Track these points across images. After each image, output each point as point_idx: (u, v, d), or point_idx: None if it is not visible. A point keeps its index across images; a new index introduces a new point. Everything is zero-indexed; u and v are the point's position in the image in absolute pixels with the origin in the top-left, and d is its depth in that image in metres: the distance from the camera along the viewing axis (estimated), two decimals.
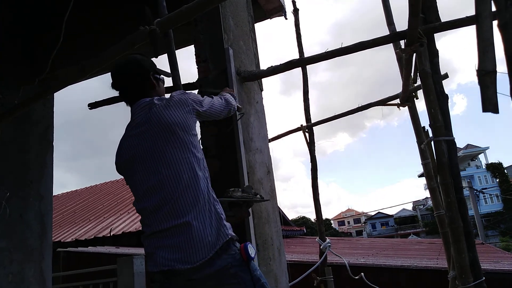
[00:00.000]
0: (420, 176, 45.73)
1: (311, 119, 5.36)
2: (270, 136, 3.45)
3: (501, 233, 36.31)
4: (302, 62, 3.29)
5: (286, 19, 3.97)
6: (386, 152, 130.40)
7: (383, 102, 4.21)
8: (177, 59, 2.20)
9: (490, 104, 1.46)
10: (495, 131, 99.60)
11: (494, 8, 1.58)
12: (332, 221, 64.88)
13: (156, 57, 2.05)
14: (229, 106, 2.06)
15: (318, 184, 5.25)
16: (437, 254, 8.35)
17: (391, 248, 11.63)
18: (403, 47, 2.54)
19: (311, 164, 5.28)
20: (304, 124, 5.31)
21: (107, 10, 3.85)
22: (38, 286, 3.71)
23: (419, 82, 3.33)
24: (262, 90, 3.13)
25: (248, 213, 2.22)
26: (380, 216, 60.45)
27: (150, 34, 1.88)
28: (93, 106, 3.04)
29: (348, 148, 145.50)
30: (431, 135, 2.55)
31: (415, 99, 3.86)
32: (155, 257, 1.59)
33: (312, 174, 5.26)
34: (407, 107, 3.92)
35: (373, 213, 59.61)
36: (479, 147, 50.77)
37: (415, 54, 2.59)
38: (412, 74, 3.20)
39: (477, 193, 20.54)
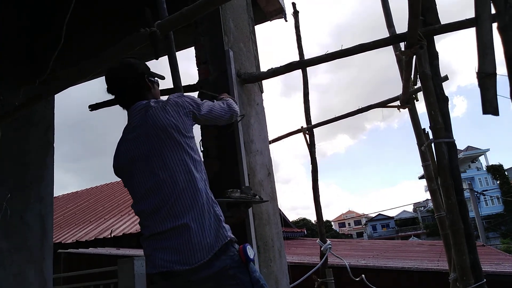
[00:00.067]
0: (420, 178, 45.66)
1: (312, 121, 5.37)
2: (270, 138, 3.45)
3: (502, 235, 36.24)
4: (302, 64, 3.30)
5: (286, 21, 3.97)
6: (386, 154, 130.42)
7: (383, 104, 4.22)
8: (177, 61, 2.20)
9: (490, 106, 1.47)
10: (495, 133, 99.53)
11: (493, 11, 1.59)
12: (332, 222, 64.84)
13: (157, 59, 2.05)
14: (231, 111, 2.01)
15: (318, 186, 5.25)
16: (438, 256, 8.33)
17: (392, 250, 11.61)
18: (403, 49, 2.55)
19: (311, 165, 5.28)
20: (305, 125, 5.32)
21: (107, 10, 3.86)
22: (39, 287, 3.71)
23: (419, 84, 3.34)
24: (262, 92, 3.13)
25: (247, 213, 2.21)
26: (381, 218, 60.39)
27: (151, 36, 1.88)
28: (94, 107, 3.05)
29: (348, 150, 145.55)
30: (431, 137, 2.55)
31: (415, 101, 3.87)
32: (153, 258, 1.59)
33: (312, 176, 5.27)
34: (407, 109, 3.93)
35: (373, 214, 59.60)
36: (479, 149, 50.70)
37: (415, 56, 2.60)
38: (412, 76, 3.21)
39: (477, 195, 20.52)
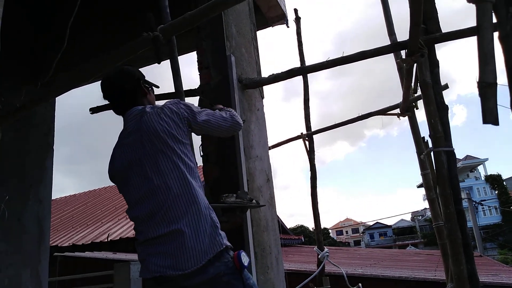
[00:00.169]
0: (419, 186, 45.69)
1: (311, 127, 5.37)
2: (270, 144, 3.46)
3: (499, 245, 36.17)
4: (303, 71, 3.31)
5: (288, 27, 3.99)
6: (385, 162, 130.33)
7: (383, 112, 4.22)
8: (179, 65, 2.21)
9: (490, 116, 1.47)
10: (494, 142, 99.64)
11: (495, 20, 1.60)
12: (330, 230, 64.67)
13: (159, 63, 2.06)
14: (233, 122, 1.91)
15: (317, 193, 5.24)
16: (435, 266, 8.32)
17: (389, 258, 11.59)
18: (404, 57, 2.55)
19: (310, 172, 5.27)
20: (304, 132, 5.32)
21: (107, 10, 3.88)
22: None
23: (419, 92, 3.35)
24: (263, 97, 3.14)
25: (243, 219, 2.20)
26: (379, 226, 60.26)
27: (154, 40, 1.89)
28: (94, 110, 3.05)
29: (347, 157, 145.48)
30: (430, 145, 2.55)
31: (415, 109, 3.88)
32: (147, 263, 1.60)
33: (311, 183, 5.26)
34: (407, 117, 3.94)
35: (371, 223, 59.50)
36: (478, 158, 50.76)
37: (415, 64, 2.61)
38: (412, 84, 3.22)
39: (476, 204, 20.50)
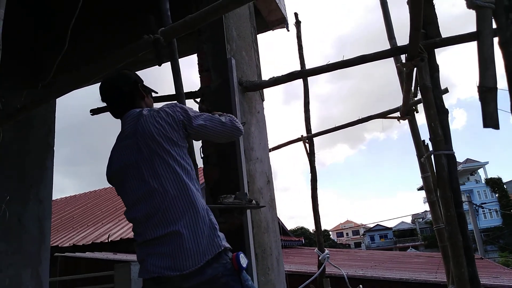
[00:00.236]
0: (419, 189, 45.64)
1: (312, 130, 5.37)
2: (270, 146, 3.46)
3: (500, 248, 36.12)
4: (304, 74, 3.32)
5: (288, 31, 4.00)
6: (385, 165, 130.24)
7: (384, 115, 4.23)
8: (180, 68, 2.21)
9: (491, 120, 1.48)
10: (494, 146, 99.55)
11: (495, 26, 1.61)
12: (330, 232, 64.62)
13: (160, 65, 2.07)
14: (232, 128, 1.86)
15: (317, 195, 5.24)
16: (436, 268, 8.31)
17: (389, 260, 11.58)
18: (404, 61, 2.56)
19: (311, 174, 5.28)
20: (305, 134, 5.33)
21: (107, 11, 3.89)
22: None
23: (419, 96, 3.36)
24: (263, 100, 3.15)
25: (242, 220, 2.20)
26: (379, 229, 60.19)
27: (154, 42, 1.90)
28: (95, 112, 3.06)
29: (347, 159, 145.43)
30: (431, 148, 2.55)
31: (415, 112, 3.88)
32: (146, 264, 1.61)
33: (311, 185, 5.26)
34: (407, 120, 3.94)
35: (372, 225, 59.43)
36: (478, 161, 50.72)
37: (415, 69, 2.61)
38: (412, 88, 3.22)
39: (476, 207, 20.48)
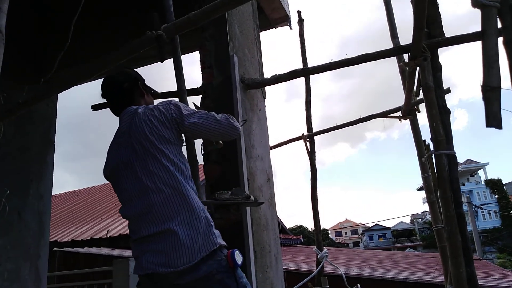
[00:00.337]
0: (419, 189, 45.69)
1: (313, 128, 5.37)
2: (271, 144, 3.46)
3: (498, 249, 36.16)
4: (306, 72, 3.32)
5: (291, 29, 3.99)
6: (385, 165, 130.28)
7: (385, 114, 4.23)
8: (182, 64, 2.21)
9: (494, 119, 1.48)
10: (495, 147, 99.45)
11: (499, 25, 1.61)
12: (329, 231, 64.67)
13: (162, 61, 2.07)
14: (228, 125, 1.80)
15: (317, 194, 5.25)
16: (434, 268, 8.31)
17: (388, 260, 11.59)
18: (406, 60, 2.56)
19: (311, 173, 5.28)
20: (306, 133, 5.33)
21: (108, 8, 3.89)
22: (33, 284, 3.70)
23: (421, 96, 3.36)
24: (265, 98, 3.15)
25: (238, 216, 2.19)
26: (378, 228, 60.24)
27: (157, 39, 1.90)
28: (96, 108, 3.06)
29: (348, 158, 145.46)
30: (432, 148, 2.55)
31: (417, 112, 3.88)
32: (140, 260, 1.62)
33: (311, 183, 5.26)
34: (408, 120, 3.94)
35: (370, 224, 59.46)
36: (479, 162, 50.73)
37: (418, 68, 2.61)
38: (414, 88, 3.22)
39: (475, 208, 20.50)
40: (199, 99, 2.67)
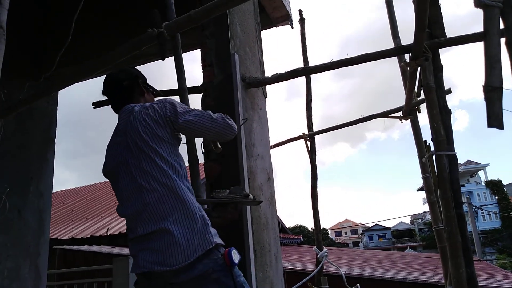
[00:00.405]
0: (419, 190, 45.67)
1: (313, 128, 5.37)
2: (271, 143, 3.46)
3: (498, 250, 36.16)
4: (307, 71, 3.32)
5: (292, 27, 3.99)
6: (385, 165, 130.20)
7: (386, 114, 4.22)
8: (183, 62, 2.21)
9: (495, 120, 1.48)
10: (495, 148, 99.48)
11: (502, 25, 1.60)
12: (329, 231, 64.67)
13: (163, 59, 2.06)
14: (224, 124, 1.76)
15: (317, 193, 5.24)
16: (434, 269, 8.31)
17: (387, 260, 11.59)
18: (407, 60, 2.55)
19: (311, 172, 5.28)
20: (306, 132, 5.32)
21: (109, 5, 3.88)
22: (33, 282, 3.70)
23: (422, 96, 3.35)
24: (266, 96, 3.14)
25: (236, 215, 2.18)
26: (378, 228, 60.23)
27: (158, 36, 1.89)
28: (97, 105, 3.06)
29: (348, 158, 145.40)
30: (432, 149, 2.55)
31: (417, 112, 3.87)
32: (137, 259, 1.63)
33: (311, 183, 5.26)
34: (409, 120, 3.93)
35: (370, 224, 59.47)
36: (479, 163, 50.71)
37: (419, 68, 2.61)
38: (415, 88, 3.21)
39: (475, 209, 20.49)
40: (200, 97, 2.67)
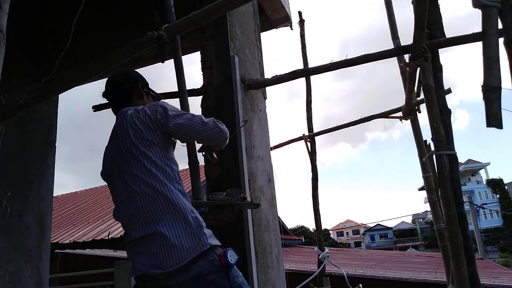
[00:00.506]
0: (420, 189, 45.63)
1: (313, 129, 5.37)
2: (272, 144, 3.46)
3: (500, 249, 36.11)
4: (307, 72, 3.32)
5: (292, 29, 3.99)
6: (386, 165, 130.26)
7: (386, 115, 4.22)
8: (183, 65, 2.21)
9: (494, 119, 1.48)
10: (496, 147, 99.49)
11: (500, 26, 1.61)
12: (331, 231, 64.63)
13: (163, 61, 2.07)
14: (215, 128, 1.75)
15: (318, 194, 5.24)
16: (436, 268, 8.31)
17: (389, 260, 11.58)
18: (407, 61, 2.55)
19: (312, 173, 5.28)
20: (306, 133, 5.32)
21: (109, 8, 3.89)
22: (35, 286, 3.70)
23: (422, 96, 3.35)
24: (265, 98, 3.14)
25: (234, 217, 2.18)
26: (379, 228, 60.19)
27: (158, 39, 1.90)
28: (97, 108, 3.06)
29: (348, 159, 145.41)
30: (433, 148, 2.55)
31: (417, 112, 3.87)
32: (134, 262, 1.64)
33: (312, 184, 5.26)
34: (409, 120, 3.93)
35: (372, 224, 59.44)
36: (480, 162, 50.68)
37: (419, 68, 2.61)
38: (415, 88, 3.21)
39: (477, 208, 20.48)
40: (199, 100, 2.67)
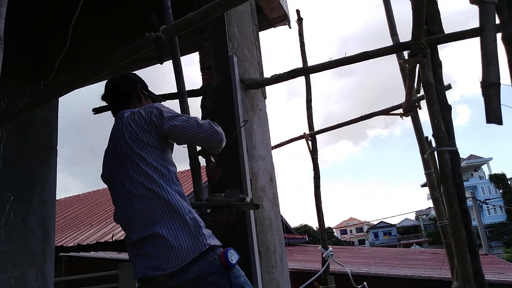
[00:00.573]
0: (423, 186, 45.59)
1: (314, 127, 5.37)
2: (272, 144, 3.46)
3: (504, 244, 36.01)
4: (306, 71, 3.31)
5: (290, 28, 3.98)
6: (388, 161, 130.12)
7: (386, 112, 4.21)
8: (181, 66, 2.21)
9: (494, 115, 1.48)
10: (498, 142, 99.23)
11: (498, 21, 1.60)
12: (334, 229, 64.57)
13: (161, 63, 2.07)
14: (210, 130, 1.74)
15: (320, 193, 5.24)
16: (440, 264, 8.29)
17: (393, 257, 11.56)
18: (406, 57, 2.55)
19: (313, 172, 5.27)
20: (307, 132, 5.32)
21: (108, 11, 3.89)
22: None
23: (422, 93, 3.34)
24: (265, 97, 3.14)
25: (232, 218, 2.18)
26: (383, 226, 60.15)
27: (156, 40, 1.90)
28: (97, 111, 3.06)
29: (350, 156, 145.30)
30: (434, 145, 2.54)
31: (418, 109, 3.86)
32: (135, 264, 1.64)
33: (314, 182, 5.26)
34: (410, 117, 3.92)
35: (375, 222, 59.41)
36: (482, 158, 50.52)
37: (418, 65, 2.60)
38: (415, 85, 3.21)
39: (480, 203, 20.44)
40: (199, 101, 2.67)
